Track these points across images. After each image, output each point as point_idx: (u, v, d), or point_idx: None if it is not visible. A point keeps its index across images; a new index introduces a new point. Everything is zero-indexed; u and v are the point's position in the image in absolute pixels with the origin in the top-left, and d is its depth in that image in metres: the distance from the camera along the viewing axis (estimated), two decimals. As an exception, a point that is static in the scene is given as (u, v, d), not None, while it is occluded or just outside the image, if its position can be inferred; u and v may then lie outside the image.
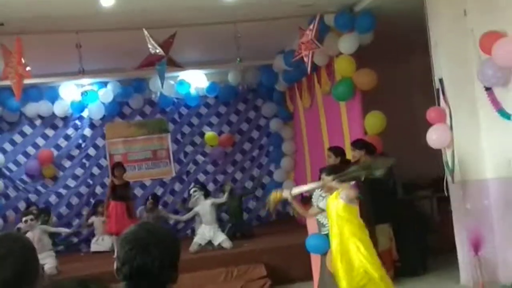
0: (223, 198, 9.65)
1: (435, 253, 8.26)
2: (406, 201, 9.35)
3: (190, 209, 9.71)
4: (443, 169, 7.06)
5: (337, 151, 7.59)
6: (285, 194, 6.06)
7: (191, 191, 9.89)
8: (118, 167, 9.72)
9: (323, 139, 9.83)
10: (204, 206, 9.16)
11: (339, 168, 5.96)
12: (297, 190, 6.30)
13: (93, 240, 10.59)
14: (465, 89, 6.86)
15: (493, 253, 6.80)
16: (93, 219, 10.63)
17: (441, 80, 6.97)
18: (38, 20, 7.12)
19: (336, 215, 5.62)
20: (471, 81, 6.79)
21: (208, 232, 8.93)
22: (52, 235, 9.28)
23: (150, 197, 10.73)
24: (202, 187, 10.21)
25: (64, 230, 9.84)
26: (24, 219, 8.61)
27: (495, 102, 6.41)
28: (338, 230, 5.62)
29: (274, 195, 6.19)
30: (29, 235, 8.14)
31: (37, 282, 2.10)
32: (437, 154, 7.21)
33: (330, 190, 5.76)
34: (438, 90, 7.03)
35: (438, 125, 6.92)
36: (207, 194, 9.74)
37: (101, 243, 10.17)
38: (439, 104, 7.03)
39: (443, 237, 8.23)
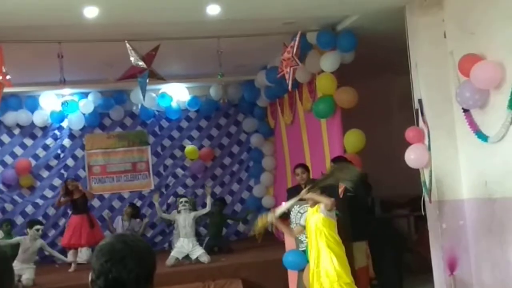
0: (206, 209, 9.43)
1: (412, 272, 8.30)
2: (384, 219, 9.40)
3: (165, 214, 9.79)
4: (421, 188, 7.12)
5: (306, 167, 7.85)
6: (270, 217, 6.05)
7: (180, 201, 9.40)
8: (68, 181, 9.90)
9: (305, 155, 9.87)
10: (187, 219, 9.02)
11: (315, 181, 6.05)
12: (279, 210, 6.22)
13: (70, 252, 10.41)
14: (444, 110, 6.94)
15: (468, 274, 6.85)
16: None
17: (420, 101, 7.04)
18: (20, 29, 7.07)
19: (315, 228, 5.66)
20: (450, 102, 6.87)
21: (186, 245, 8.84)
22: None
23: (128, 205, 10.86)
24: (191, 202, 9.95)
25: (60, 257, 9.62)
26: (36, 227, 8.61)
27: (472, 124, 6.49)
28: (315, 243, 5.65)
29: (261, 220, 6.22)
30: (26, 244, 8.35)
31: None
32: (415, 173, 7.27)
33: (314, 204, 5.81)
34: (417, 110, 7.10)
35: (416, 145, 6.98)
36: (194, 210, 9.69)
37: (78, 254, 10.01)
38: (417, 124, 7.11)
39: (420, 256, 8.28)
